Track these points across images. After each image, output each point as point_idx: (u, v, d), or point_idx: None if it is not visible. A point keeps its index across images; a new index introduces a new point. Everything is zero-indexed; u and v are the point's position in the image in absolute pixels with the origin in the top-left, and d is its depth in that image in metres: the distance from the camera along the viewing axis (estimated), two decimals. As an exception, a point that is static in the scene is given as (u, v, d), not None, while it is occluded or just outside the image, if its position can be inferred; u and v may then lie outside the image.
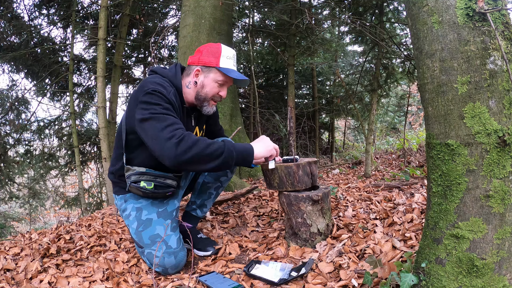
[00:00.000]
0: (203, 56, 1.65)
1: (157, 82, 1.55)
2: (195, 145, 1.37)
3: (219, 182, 1.96)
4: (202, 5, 3.44)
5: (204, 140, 1.42)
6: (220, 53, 1.64)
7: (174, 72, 1.67)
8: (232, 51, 1.69)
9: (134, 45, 6.68)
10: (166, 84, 1.58)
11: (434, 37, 1.01)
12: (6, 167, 5.94)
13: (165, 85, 1.57)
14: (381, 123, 9.07)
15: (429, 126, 1.08)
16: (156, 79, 1.59)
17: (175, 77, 1.65)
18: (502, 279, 0.98)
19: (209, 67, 1.64)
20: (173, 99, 1.55)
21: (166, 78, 1.63)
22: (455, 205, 1.02)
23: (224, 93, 1.70)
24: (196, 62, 1.66)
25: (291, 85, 4.76)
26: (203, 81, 1.65)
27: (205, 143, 1.40)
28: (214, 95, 1.67)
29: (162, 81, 1.58)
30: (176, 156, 1.36)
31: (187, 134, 1.40)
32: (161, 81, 1.58)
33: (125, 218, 1.75)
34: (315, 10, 5.47)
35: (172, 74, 1.66)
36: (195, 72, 1.66)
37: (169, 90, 1.56)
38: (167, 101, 1.50)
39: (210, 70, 1.64)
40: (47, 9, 6.11)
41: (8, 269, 1.76)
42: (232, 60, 1.67)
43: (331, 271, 1.42)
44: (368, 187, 2.69)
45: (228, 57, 1.65)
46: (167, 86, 1.57)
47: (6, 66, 6.09)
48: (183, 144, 1.36)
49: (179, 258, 1.61)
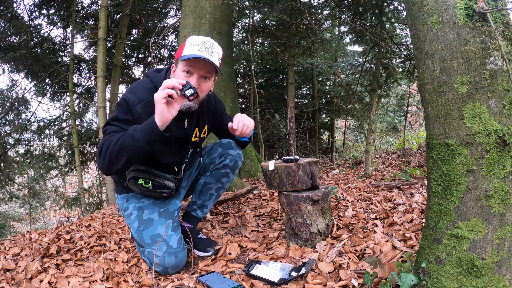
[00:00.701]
0: (177, 52, 1.60)
1: (134, 91, 1.56)
2: (106, 154, 1.41)
3: (220, 183, 1.95)
4: (202, 5, 3.44)
5: (117, 140, 1.41)
6: (185, 44, 1.55)
7: (163, 77, 1.62)
8: (202, 38, 1.55)
9: (134, 45, 6.68)
10: (145, 93, 1.55)
11: (434, 37, 1.01)
12: (6, 167, 5.94)
13: (142, 93, 1.55)
14: (381, 123, 9.07)
15: (429, 126, 1.08)
16: (143, 83, 1.61)
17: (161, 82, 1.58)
18: (502, 279, 0.98)
19: (177, 60, 1.57)
20: (139, 109, 1.51)
21: (154, 83, 1.60)
22: (455, 205, 1.02)
23: (193, 83, 1.51)
24: (175, 58, 1.63)
25: (291, 85, 4.76)
26: (174, 75, 1.58)
27: (114, 144, 1.40)
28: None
29: (143, 88, 1.57)
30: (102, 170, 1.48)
31: (104, 142, 1.43)
32: (142, 88, 1.57)
33: (126, 217, 1.75)
34: (315, 10, 5.47)
35: (159, 79, 1.60)
36: (172, 69, 1.62)
37: (140, 99, 1.52)
38: (127, 110, 1.51)
39: (177, 62, 1.57)
40: (47, 9, 6.11)
41: (8, 269, 1.76)
42: (196, 46, 1.51)
43: (331, 271, 1.42)
44: (368, 187, 2.69)
45: (192, 44, 1.52)
46: (143, 94, 1.54)
47: (6, 66, 6.09)
48: (101, 157, 1.44)
49: (180, 258, 1.61)
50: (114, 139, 1.41)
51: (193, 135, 1.74)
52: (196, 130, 1.75)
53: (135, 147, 1.38)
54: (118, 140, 1.40)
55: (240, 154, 1.97)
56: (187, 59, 1.49)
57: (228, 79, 3.61)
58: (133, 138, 1.38)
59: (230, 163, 1.93)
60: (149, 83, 1.60)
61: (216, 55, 1.55)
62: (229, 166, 1.93)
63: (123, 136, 1.40)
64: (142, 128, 1.40)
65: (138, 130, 1.40)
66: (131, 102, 1.51)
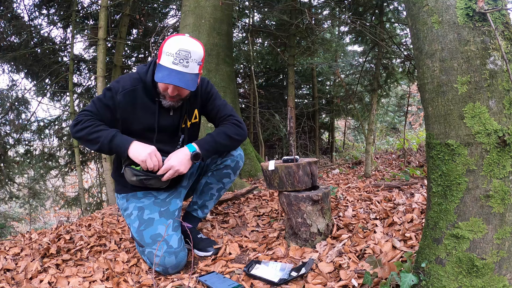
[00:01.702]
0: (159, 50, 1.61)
1: (120, 81, 1.66)
2: (82, 130, 1.58)
3: (222, 184, 1.95)
4: (202, 5, 3.44)
5: (93, 127, 1.57)
6: (163, 47, 1.55)
7: (146, 68, 1.67)
8: (177, 46, 1.51)
9: (134, 45, 6.67)
10: (128, 82, 1.65)
11: (434, 37, 1.01)
12: (6, 167, 5.94)
13: (126, 83, 1.65)
14: (381, 123, 9.07)
15: (429, 126, 1.08)
16: (131, 74, 1.70)
17: (145, 73, 1.65)
18: (502, 279, 0.98)
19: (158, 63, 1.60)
20: (120, 97, 1.62)
21: (139, 74, 1.66)
22: (455, 205, 1.02)
23: (170, 91, 1.57)
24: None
25: (291, 85, 4.76)
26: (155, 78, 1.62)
27: (90, 130, 1.57)
28: (163, 90, 1.61)
29: (128, 79, 1.66)
30: (71, 133, 1.63)
31: (86, 120, 1.59)
32: (128, 79, 1.66)
33: (127, 217, 1.75)
34: (315, 10, 5.47)
35: (144, 70, 1.67)
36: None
37: (123, 88, 1.63)
38: (110, 96, 1.64)
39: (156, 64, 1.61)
40: (47, 9, 6.11)
41: (8, 269, 1.76)
42: (171, 56, 1.51)
43: (331, 271, 1.42)
44: (368, 187, 2.69)
45: (168, 54, 1.52)
46: (127, 84, 1.64)
47: (6, 66, 6.08)
48: (77, 126, 1.59)
49: (180, 258, 1.61)
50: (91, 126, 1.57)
51: (183, 122, 1.76)
52: (185, 116, 1.76)
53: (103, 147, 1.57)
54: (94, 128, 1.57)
55: (241, 154, 1.97)
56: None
57: (228, 79, 3.61)
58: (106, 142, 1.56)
59: (232, 164, 1.92)
60: (135, 73, 1.68)
61: (194, 63, 1.55)
62: (231, 166, 1.93)
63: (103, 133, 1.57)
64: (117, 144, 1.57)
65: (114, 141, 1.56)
66: (115, 90, 1.63)
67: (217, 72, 3.51)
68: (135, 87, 1.65)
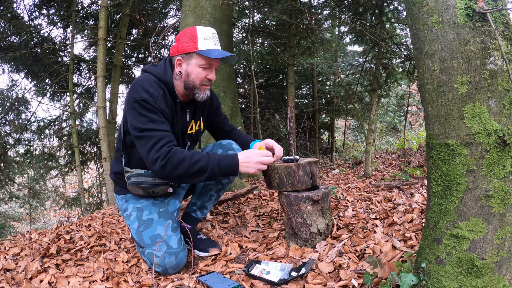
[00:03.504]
0: (181, 44, 1.59)
1: (145, 88, 1.52)
2: (180, 165, 1.47)
3: (221, 185, 1.95)
4: (202, 5, 3.44)
5: (190, 158, 1.49)
6: (197, 36, 1.56)
7: (163, 68, 1.63)
8: (210, 30, 1.60)
9: (134, 45, 6.67)
10: (155, 86, 1.55)
11: (434, 37, 1.01)
12: (6, 167, 5.94)
13: (153, 88, 1.54)
14: (381, 123, 9.07)
15: (429, 126, 1.08)
16: (146, 78, 1.57)
17: (164, 73, 1.61)
18: (502, 279, 0.98)
19: (189, 53, 1.58)
20: (161, 104, 1.53)
21: (156, 76, 1.60)
22: (455, 205, 1.02)
23: (212, 76, 1.63)
24: (176, 51, 1.61)
25: (291, 85, 4.76)
26: (187, 69, 1.60)
27: (189, 162, 1.48)
28: (201, 80, 1.61)
29: (151, 83, 1.55)
30: (165, 177, 1.53)
31: (172, 153, 1.47)
32: (150, 83, 1.55)
33: (126, 218, 1.75)
34: (315, 10, 5.47)
35: (161, 71, 1.62)
36: (177, 62, 1.61)
37: (156, 95, 1.53)
38: (154, 110, 1.51)
39: (191, 56, 1.59)
40: (47, 9, 6.11)
41: (8, 269, 1.76)
42: (211, 39, 1.58)
43: (331, 271, 1.42)
44: (368, 187, 2.69)
45: (206, 38, 1.57)
46: (155, 89, 1.54)
47: (6, 66, 6.09)
48: (168, 165, 1.47)
49: (180, 259, 1.61)
50: (187, 157, 1.49)
51: (189, 127, 1.76)
52: (192, 122, 1.77)
53: (213, 174, 1.52)
54: (192, 159, 1.49)
55: None
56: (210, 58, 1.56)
57: (228, 79, 3.61)
58: (215, 169, 1.51)
59: None
60: (150, 76, 1.59)
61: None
62: None
63: (204, 160, 1.50)
64: (225, 166, 1.53)
65: (221, 165, 1.52)
66: (150, 100, 1.51)
67: (217, 72, 3.51)
68: (162, 89, 1.58)
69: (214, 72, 1.64)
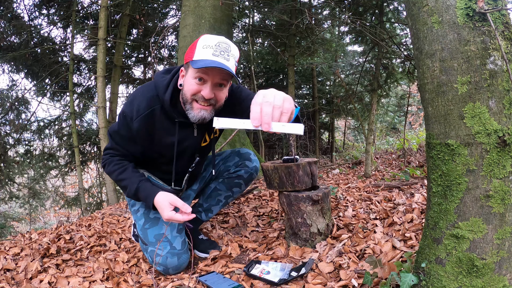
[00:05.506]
0: (187, 53, 1.41)
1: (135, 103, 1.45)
2: (111, 174, 1.59)
3: (231, 192, 1.91)
4: (202, 5, 3.44)
5: (117, 174, 1.56)
6: (196, 44, 1.36)
7: (167, 82, 1.47)
8: (216, 39, 1.36)
9: (134, 45, 6.68)
10: (144, 104, 1.45)
11: (434, 37, 1.01)
12: (6, 167, 5.94)
13: (142, 106, 1.44)
14: (381, 123, 9.07)
15: (429, 126, 1.08)
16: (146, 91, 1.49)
17: (165, 90, 1.45)
18: (502, 279, 0.98)
19: (187, 63, 1.39)
20: (138, 124, 1.44)
21: (158, 90, 1.47)
22: (455, 205, 1.02)
23: (206, 93, 1.35)
24: (184, 60, 1.44)
25: (291, 85, 4.76)
26: (185, 81, 1.41)
27: (116, 177, 1.57)
28: (193, 94, 1.38)
29: (145, 99, 1.46)
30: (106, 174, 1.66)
31: (109, 162, 1.57)
32: (144, 98, 1.46)
33: (133, 213, 1.76)
34: (315, 10, 5.47)
35: (163, 85, 1.46)
36: (181, 73, 1.46)
37: (140, 113, 1.44)
38: (125, 125, 1.48)
39: (188, 66, 1.38)
40: (47, 9, 6.11)
41: (8, 269, 1.76)
42: (210, 49, 1.32)
43: (331, 271, 1.42)
44: (368, 187, 2.69)
45: (205, 47, 1.33)
46: (143, 108, 1.44)
47: (6, 66, 6.09)
48: (105, 169, 1.62)
49: (182, 260, 1.61)
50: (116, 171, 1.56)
51: (202, 140, 1.65)
52: (205, 135, 1.64)
53: (131, 196, 1.56)
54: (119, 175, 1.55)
55: (257, 167, 1.90)
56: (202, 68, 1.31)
57: (228, 79, 3.60)
58: (131, 194, 1.54)
59: (245, 175, 1.88)
60: (152, 90, 1.48)
61: (233, 59, 1.38)
62: (243, 177, 1.88)
63: (126, 181, 1.54)
64: (144, 196, 1.51)
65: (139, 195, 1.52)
66: (129, 117, 1.45)
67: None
68: (153, 109, 1.45)
69: (210, 89, 1.36)
